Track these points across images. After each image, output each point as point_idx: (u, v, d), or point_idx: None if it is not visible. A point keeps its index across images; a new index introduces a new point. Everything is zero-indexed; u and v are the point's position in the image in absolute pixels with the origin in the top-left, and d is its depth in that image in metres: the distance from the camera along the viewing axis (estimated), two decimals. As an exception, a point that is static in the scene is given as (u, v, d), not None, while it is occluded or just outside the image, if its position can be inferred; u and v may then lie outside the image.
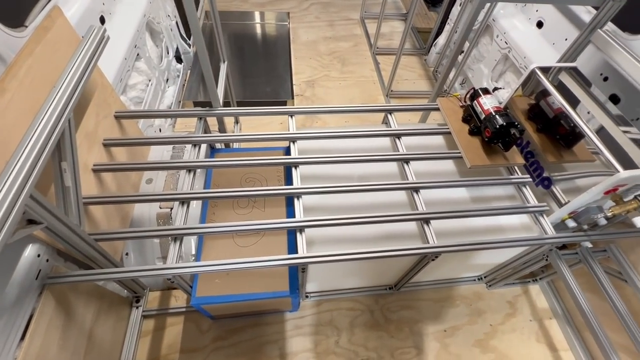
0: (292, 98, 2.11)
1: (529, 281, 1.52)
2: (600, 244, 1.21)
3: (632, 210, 0.94)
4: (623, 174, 0.91)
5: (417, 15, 3.21)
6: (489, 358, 1.32)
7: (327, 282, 1.40)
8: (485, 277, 1.50)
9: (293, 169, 1.18)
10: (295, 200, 1.10)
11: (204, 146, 1.41)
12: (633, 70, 1.07)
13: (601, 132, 1.28)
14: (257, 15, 2.80)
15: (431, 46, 2.55)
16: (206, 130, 1.38)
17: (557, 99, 1.14)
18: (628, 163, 1.00)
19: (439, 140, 1.39)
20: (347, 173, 1.28)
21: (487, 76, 1.96)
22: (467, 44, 2.04)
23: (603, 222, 1.09)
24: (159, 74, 1.77)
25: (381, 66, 2.49)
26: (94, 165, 1.08)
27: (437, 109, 1.40)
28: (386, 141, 1.37)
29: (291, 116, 1.35)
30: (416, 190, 1.15)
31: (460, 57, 2.10)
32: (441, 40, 2.42)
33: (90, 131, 1.07)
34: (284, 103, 2.09)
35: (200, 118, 1.32)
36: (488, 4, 1.82)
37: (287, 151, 1.29)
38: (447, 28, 2.36)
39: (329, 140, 1.33)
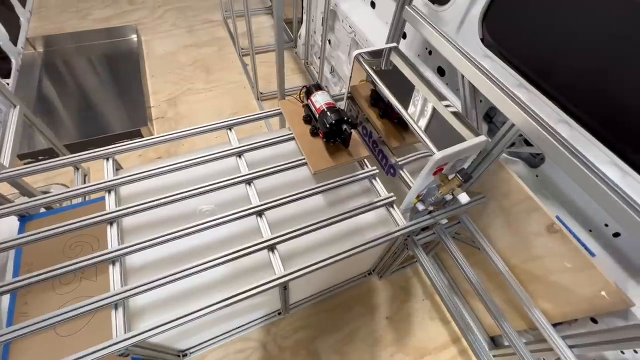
0: (147, 124, 1.85)
1: (417, 260, 1.54)
2: (456, 217, 1.23)
3: (456, 188, 0.93)
4: (437, 155, 0.89)
5: (286, 6, 3.10)
6: (389, 353, 1.30)
7: (202, 335, 1.24)
8: (374, 271, 1.47)
9: (108, 227, 0.98)
10: (110, 267, 0.91)
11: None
12: (436, 42, 1.07)
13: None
14: (97, 34, 2.41)
15: (297, 37, 2.46)
16: (-3, 200, 1.09)
17: (376, 82, 1.10)
18: (451, 138, 1.00)
19: (292, 146, 1.29)
20: (192, 209, 1.11)
21: (345, 62, 1.93)
22: (322, 31, 1.98)
23: (449, 197, 1.10)
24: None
25: (249, 68, 2.33)
26: None
27: (280, 113, 1.29)
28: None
29: (107, 159, 1.12)
30: (260, 214, 1.03)
31: (321, 45, 2.04)
32: (303, 30, 2.33)
33: None
34: (138, 132, 1.83)
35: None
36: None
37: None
38: (305, 17, 2.27)
39: (177, 173, 1.14)
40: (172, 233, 0.96)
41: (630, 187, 0.77)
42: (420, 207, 1.09)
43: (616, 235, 0.86)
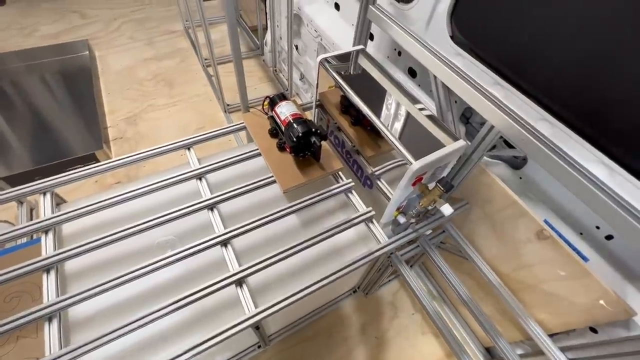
0: (103, 147, 1.69)
1: (399, 275, 1.46)
2: (440, 225, 1.16)
3: (438, 199, 0.85)
4: (414, 165, 0.81)
5: (250, 13, 3.00)
6: (381, 378, 1.21)
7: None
8: (359, 288, 1.38)
9: (44, 276, 0.84)
10: (46, 325, 0.77)
11: None
12: (405, 42, 1.00)
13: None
14: (44, 51, 2.21)
15: (263, 44, 2.36)
16: None
17: (344, 89, 1.02)
18: (428, 144, 0.93)
19: (259, 163, 1.18)
20: (149, 243, 0.98)
21: (314, 68, 1.84)
22: (287, 37, 1.89)
23: (432, 207, 1.02)
24: None
25: (214, 79, 2.21)
26: None
27: (244, 128, 1.19)
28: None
29: (44, 194, 0.98)
30: (224, 243, 0.92)
31: (288, 52, 1.95)
32: (269, 37, 2.24)
33: None
34: (92, 157, 1.66)
35: None
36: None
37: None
38: (270, 23, 2.18)
39: (132, 202, 1.01)
40: (123, 275, 0.83)
41: (620, 186, 0.72)
42: (402, 219, 1.01)
43: (609, 237, 0.80)
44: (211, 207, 0.98)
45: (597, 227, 0.82)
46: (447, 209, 0.84)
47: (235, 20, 1.14)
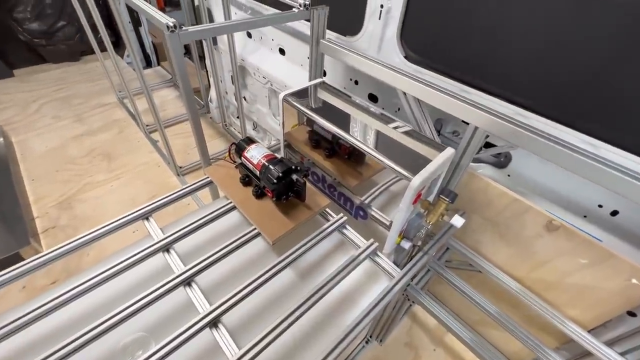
0: (30, 242, 1.39)
1: (411, 304, 1.34)
2: (443, 244, 1.10)
3: (445, 212, 0.79)
4: (415, 181, 0.75)
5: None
6: None
7: None
8: (371, 336, 1.22)
9: None
10: None
11: None
12: (364, 66, 1.00)
13: (381, 135, 1.22)
14: (-55, 145, 1.88)
15: (208, 102, 2.30)
16: None
17: (316, 119, 0.97)
18: (415, 160, 0.89)
19: (235, 218, 1.03)
20: (110, 349, 0.75)
21: (268, 114, 1.81)
22: (234, 89, 1.85)
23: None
24: None
25: (161, 144, 2.05)
26: None
27: (210, 183, 1.05)
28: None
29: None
30: (214, 324, 0.73)
31: (237, 104, 1.90)
32: (213, 93, 2.19)
33: None
34: (17, 258, 1.35)
35: None
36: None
37: None
38: (213, 80, 2.15)
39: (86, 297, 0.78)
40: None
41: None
42: (406, 245, 0.92)
43: (614, 213, 0.80)
44: (188, 282, 0.80)
45: (600, 206, 0.82)
46: (458, 221, 0.78)
47: (187, 79, 1.09)
